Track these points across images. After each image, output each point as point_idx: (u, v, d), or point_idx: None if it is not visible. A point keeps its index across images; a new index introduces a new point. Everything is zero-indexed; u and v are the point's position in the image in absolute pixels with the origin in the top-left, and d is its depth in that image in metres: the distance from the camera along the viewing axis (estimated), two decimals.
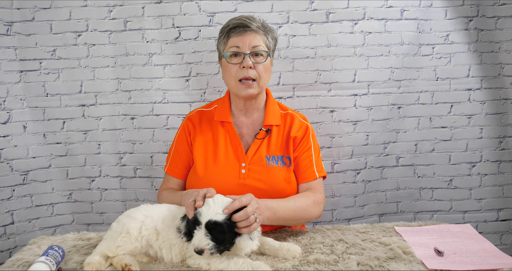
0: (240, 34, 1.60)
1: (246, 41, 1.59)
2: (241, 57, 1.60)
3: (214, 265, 1.25)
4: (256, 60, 1.61)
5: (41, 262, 1.23)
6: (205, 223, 1.24)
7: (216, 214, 1.25)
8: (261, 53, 1.61)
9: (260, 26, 1.63)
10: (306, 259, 1.33)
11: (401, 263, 1.29)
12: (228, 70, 1.64)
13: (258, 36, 1.62)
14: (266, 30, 1.65)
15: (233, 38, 1.61)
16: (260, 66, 1.61)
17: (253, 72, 1.60)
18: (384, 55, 2.18)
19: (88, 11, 2.13)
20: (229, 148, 1.66)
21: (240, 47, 1.60)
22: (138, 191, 2.26)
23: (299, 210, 1.55)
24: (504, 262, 1.28)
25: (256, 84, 1.63)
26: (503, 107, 2.24)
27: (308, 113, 2.17)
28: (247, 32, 1.60)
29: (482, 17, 2.18)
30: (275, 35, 1.71)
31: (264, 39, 1.63)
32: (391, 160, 2.28)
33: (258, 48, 1.60)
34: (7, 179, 2.13)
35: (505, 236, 2.32)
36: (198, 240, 1.24)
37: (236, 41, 1.60)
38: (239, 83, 1.62)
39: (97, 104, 2.20)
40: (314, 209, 1.60)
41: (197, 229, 1.25)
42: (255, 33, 1.61)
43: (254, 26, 1.61)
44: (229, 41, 1.63)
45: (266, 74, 1.65)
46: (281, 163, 1.64)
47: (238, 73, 1.61)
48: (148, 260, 1.35)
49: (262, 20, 1.68)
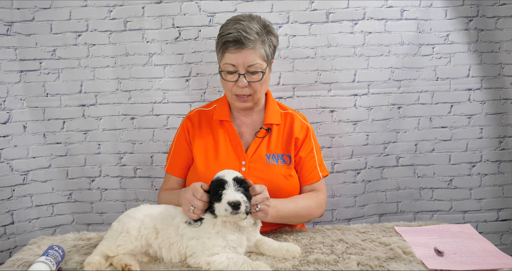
0: (236, 50, 1.55)
1: (240, 60, 1.55)
2: (237, 76, 1.58)
3: (214, 265, 1.25)
4: (252, 79, 1.59)
5: (41, 262, 1.23)
6: (233, 178, 1.30)
7: (238, 174, 1.34)
8: (257, 71, 1.58)
9: (257, 38, 1.56)
10: (306, 259, 1.33)
11: (401, 263, 1.29)
12: (224, 83, 1.64)
13: (254, 52, 1.56)
14: (263, 39, 1.59)
15: (228, 54, 1.57)
16: (256, 83, 1.60)
17: (247, 90, 1.60)
18: (384, 55, 2.18)
19: (88, 11, 2.13)
20: (229, 146, 1.67)
21: (236, 65, 1.56)
22: (138, 191, 2.26)
23: (302, 210, 1.60)
24: (504, 262, 1.28)
25: (252, 98, 1.64)
26: (503, 107, 2.24)
27: (308, 113, 2.17)
28: (243, 49, 1.54)
29: (482, 17, 2.18)
30: (274, 39, 1.64)
31: (261, 54, 1.57)
32: (391, 160, 2.28)
33: (254, 67, 1.57)
34: (7, 179, 2.13)
35: (505, 236, 2.32)
36: (232, 195, 1.27)
37: (231, 59, 1.56)
38: (235, 96, 1.63)
39: (97, 104, 2.20)
40: (316, 210, 1.65)
41: (225, 189, 1.28)
42: (251, 50, 1.55)
43: (250, 41, 1.54)
44: (225, 55, 1.58)
45: (263, 86, 1.64)
46: (281, 161, 1.65)
47: (233, 89, 1.61)
48: (148, 260, 1.35)
49: (262, 23, 1.61)
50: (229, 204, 1.25)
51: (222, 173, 1.34)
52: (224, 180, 1.30)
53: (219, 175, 1.34)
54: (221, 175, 1.33)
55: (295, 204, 1.58)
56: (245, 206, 1.27)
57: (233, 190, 1.28)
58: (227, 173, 1.33)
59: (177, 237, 1.33)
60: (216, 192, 1.30)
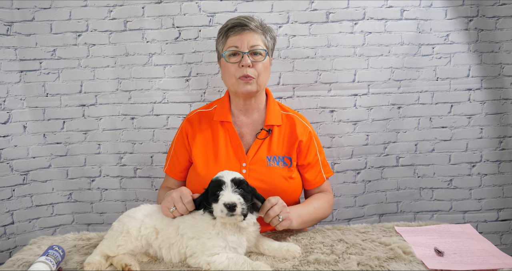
0: (238, 33, 1.61)
1: (244, 40, 1.60)
2: (240, 56, 1.61)
3: (214, 265, 1.25)
4: (255, 59, 1.62)
5: (41, 262, 1.23)
6: (231, 179, 1.30)
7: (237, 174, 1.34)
8: (260, 52, 1.62)
9: (258, 25, 1.64)
10: (306, 259, 1.33)
11: (401, 263, 1.29)
12: (227, 69, 1.64)
13: (257, 35, 1.63)
14: (264, 30, 1.66)
15: (231, 38, 1.62)
16: (259, 64, 1.62)
17: (252, 71, 1.61)
18: (384, 55, 2.18)
19: (88, 11, 2.13)
20: (229, 148, 1.66)
21: (239, 46, 1.61)
22: (138, 191, 2.26)
23: (319, 212, 1.66)
24: (504, 262, 1.28)
25: (255, 81, 1.63)
26: (503, 107, 2.24)
27: (308, 113, 2.17)
28: (245, 31, 1.61)
29: (482, 17, 2.18)
30: (273, 34, 1.71)
31: (262, 39, 1.64)
32: (391, 160, 2.28)
33: (256, 47, 1.61)
34: (7, 179, 2.13)
35: (505, 236, 2.32)
36: (228, 197, 1.26)
37: (234, 41, 1.61)
38: (238, 79, 1.62)
39: (97, 104, 2.20)
40: (328, 210, 1.72)
41: (222, 190, 1.28)
42: (254, 32, 1.62)
43: (252, 25, 1.62)
44: (227, 40, 1.64)
45: (265, 72, 1.66)
46: (282, 163, 1.65)
47: (237, 72, 1.62)
48: (148, 260, 1.35)
49: (261, 20, 1.68)
50: (224, 205, 1.25)
51: (221, 174, 1.34)
52: (222, 180, 1.30)
53: (218, 176, 1.34)
54: (220, 176, 1.33)
55: (313, 207, 1.63)
56: (241, 207, 1.26)
57: (230, 191, 1.28)
58: (226, 174, 1.33)
59: (177, 237, 1.33)
60: (214, 192, 1.30)
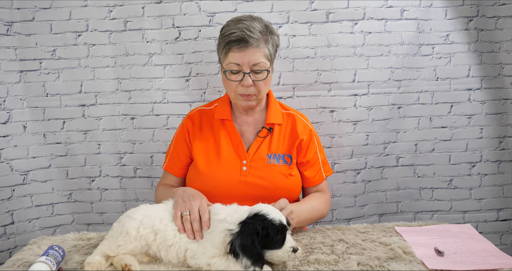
0: (240, 50, 1.53)
1: (246, 59, 1.53)
2: (241, 75, 1.56)
3: (215, 267, 1.25)
4: (257, 77, 1.58)
5: (41, 262, 1.22)
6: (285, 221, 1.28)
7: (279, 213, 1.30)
8: (262, 71, 1.58)
9: (260, 36, 1.54)
10: (306, 259, 1.33)
11: (402, 263, 1.29)
12: (228, 83, 1.62)
13: (259, 51, 1.55)
14: (267, 38, 1.58)
15: (233, 54, 1.55)
16: (261, 82, 1.59)
17: (252, 90, 1.59)
18: (384, 55, 2.18)
19: (88, 11, 2.13)
20: (230, 146, 1.67)
21: (240, 64, 1.55)
22: (138, 191, 2.26)
23: (316, 212, 1.65)
24: (504, 262, 1.28)
25: (255, 98, 1.63)
26: (503, 107, 2.24)
27: (308, 113, 2.17)
28: (247, 48, 1.53)
29: (482, 17, 2.18)
30: (276, 41, 1.64)
31: (264, 52, 1.56)
32: (391, 160, 2.28)
33: (258, 66, 1.55)
34: (7, 179, 2.13)
35: (505, 236, 2.32)
36: (292, 240, 1.27)
37: (236, 58, 1.54)
38: (239, 95, 1.62)
39: (97, 104, 2.20)
40: (325, 210, 1.71)
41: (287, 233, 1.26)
42: (255, 48, 1.54)
43: (254, 40, 1.52)
44: (228, 55, 1.56)
45: (266, 87, 1.64)
46: (282, 161, 1.66)
47: (238, 89, 1.60)
48: (148, 260, 1.35)
49: (264, 23, 1.60)
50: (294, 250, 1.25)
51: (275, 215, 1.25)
52: (284, 225, 1.24)
53: (275, 219, 1.24)
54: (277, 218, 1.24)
55: (310, 206, 1.63)
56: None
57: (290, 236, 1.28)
58: (279, 215, 1.26)
59: (174, 239, 1.32)
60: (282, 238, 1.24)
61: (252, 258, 1.19)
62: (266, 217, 1.24)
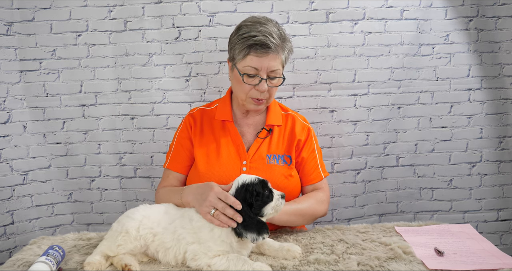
0: (260, 55, 1.54)
1: (265, 65, 1.54)
2: (258, 79, 1.57)
3: (215, 267, 1.25)
4: (272, 84, 1.60)
5: (41, 262, 1.23)
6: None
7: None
8: (277, 77, 1.59)
9: (279, 43, 1.55)
10: (306, 259, 1.33)
11: (402, 263, 1.29)
12: (240, 85, 1.61)
13: (278, 58, 1.56)
14: (283, 45, 1.59)
15: (252, 57, 1.55)
16: (273, 88, 1.62)
17: (265, 95, 1.61)
18: (384, 55, 2.18)
19: (88, 11, 2.13)
20: (230, 146, 1.67)
21: (259, 69, 1.55)
22: (138, 191, 2.26)
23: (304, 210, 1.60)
24: (504, 262, 1.28)
25: (265, 102, 1.65)
26: (503, 107, 2.24)
27: (308, 113, 2.17)
28: (268, 54, 1.54)
29: (482, 17, 2.18)
30: (289, 45, 1.64)
31: (281, 59, 1.59)
32: (391, 160, 2.28)
33: (275, 73, 1.58)
34: (7, 179, 2.13)
35: (505, 236, 2.32)
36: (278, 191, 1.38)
37: (255, 63, 1.55)
38: (250, 99, 1.62)
39: (97, 104, 2.20)
40: (318, 208, 1.65)
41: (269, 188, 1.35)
42: (275, 55, 1.55)
43: (273, 45, 1.53)
44: (247, 58, 1.56)
45: (275, 92, 1.67)
46: (282, 162, 1.66)
47: (251, 92, 1.60)
48: (148, 260, 1.35)
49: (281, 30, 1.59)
50: (282, 196, 1.35)
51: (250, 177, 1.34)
52: (265, 181, 1.34)
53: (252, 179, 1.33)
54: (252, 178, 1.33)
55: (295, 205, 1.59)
56: None
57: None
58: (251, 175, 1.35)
59: (173, 242, 1.31)
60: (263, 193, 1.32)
61: (255, 229, 1.26)
62: (245, 184, 1.32)
